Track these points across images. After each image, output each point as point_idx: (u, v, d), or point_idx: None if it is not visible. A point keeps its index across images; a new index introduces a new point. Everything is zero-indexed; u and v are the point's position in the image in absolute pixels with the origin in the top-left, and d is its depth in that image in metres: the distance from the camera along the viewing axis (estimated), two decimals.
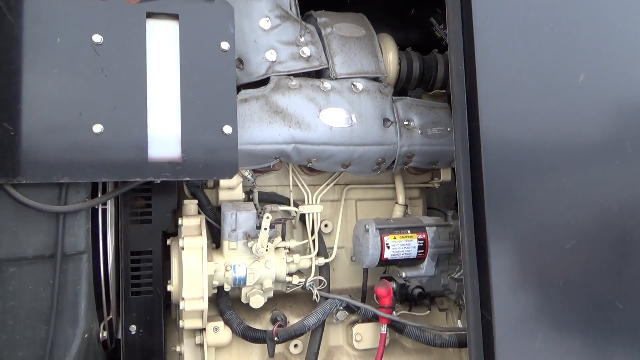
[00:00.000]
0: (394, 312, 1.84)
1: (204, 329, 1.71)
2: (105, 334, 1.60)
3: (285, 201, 1.93)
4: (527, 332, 1.33)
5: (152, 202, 1.71)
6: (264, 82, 1.75)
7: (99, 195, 1.51)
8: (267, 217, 1.66)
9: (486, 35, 1.38)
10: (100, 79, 1.37)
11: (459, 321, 1.96)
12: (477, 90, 1.35)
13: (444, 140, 1.92)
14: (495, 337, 1.30)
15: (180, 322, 1.65)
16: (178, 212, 1.78)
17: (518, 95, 1.39)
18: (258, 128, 1.67)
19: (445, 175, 2.08)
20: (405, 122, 1.88)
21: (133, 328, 1.66)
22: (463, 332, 1.88)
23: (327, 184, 1.99)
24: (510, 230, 1.35)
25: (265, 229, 1.67)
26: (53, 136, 1.33)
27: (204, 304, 1.60)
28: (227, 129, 1.48)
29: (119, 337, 1.65)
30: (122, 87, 1.39)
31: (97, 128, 1.36)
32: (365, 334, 1.90)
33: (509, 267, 1.33)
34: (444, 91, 2.11)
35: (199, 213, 1.77)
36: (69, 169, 1.34)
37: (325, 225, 2.00)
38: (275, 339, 1.70)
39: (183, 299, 1.59)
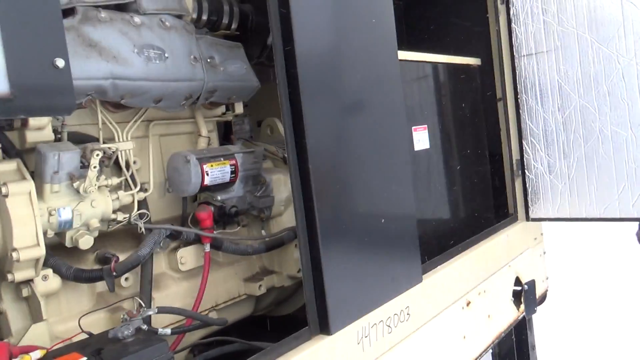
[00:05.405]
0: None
1: (32, 281, 1.60)
2: None
3: (94, 140, 1.87)
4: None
5: None
6: (69, 12, 1.64)
7: None
8: (97, 155, 1.63)
9: None
10: None
11: (262, 231, 2.32)
12: None
13: (241, 77, 2.16)
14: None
15: (9, 276, 1.51)
16: None
17: None
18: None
19: (239, 109, 2.33)
20: (208, 59, 2.03)
21: None
22: (267, 240, 2.26)
23: (135, 121, 2.00)
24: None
25: (95, 167, 1.64)
26: None
27: (41, 250, 1.51)
28: (60, 62, 1.38)
29: None
30: None
31: None
32: (189, 256, 2.07)
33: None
34: (228, 32, 2.31)
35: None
36: None
37: (134, 162, 2.03)
38: (114, 273, 1.73)
39: (15, 249, 1.47)
